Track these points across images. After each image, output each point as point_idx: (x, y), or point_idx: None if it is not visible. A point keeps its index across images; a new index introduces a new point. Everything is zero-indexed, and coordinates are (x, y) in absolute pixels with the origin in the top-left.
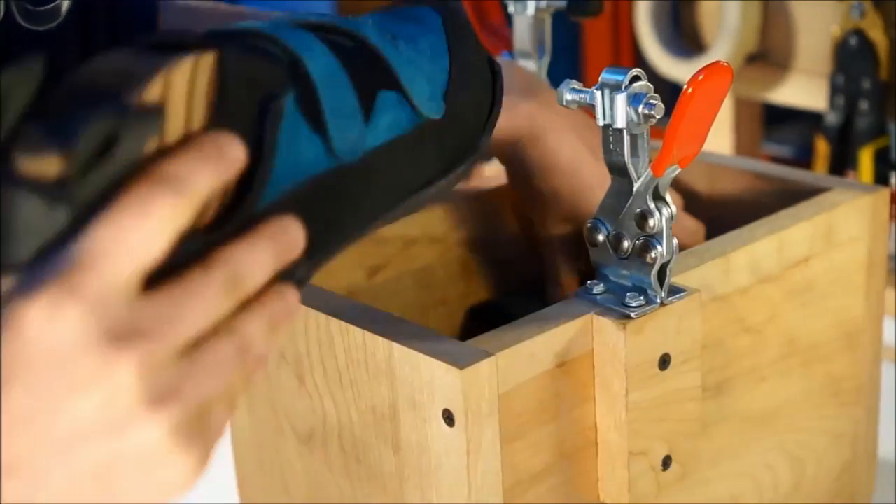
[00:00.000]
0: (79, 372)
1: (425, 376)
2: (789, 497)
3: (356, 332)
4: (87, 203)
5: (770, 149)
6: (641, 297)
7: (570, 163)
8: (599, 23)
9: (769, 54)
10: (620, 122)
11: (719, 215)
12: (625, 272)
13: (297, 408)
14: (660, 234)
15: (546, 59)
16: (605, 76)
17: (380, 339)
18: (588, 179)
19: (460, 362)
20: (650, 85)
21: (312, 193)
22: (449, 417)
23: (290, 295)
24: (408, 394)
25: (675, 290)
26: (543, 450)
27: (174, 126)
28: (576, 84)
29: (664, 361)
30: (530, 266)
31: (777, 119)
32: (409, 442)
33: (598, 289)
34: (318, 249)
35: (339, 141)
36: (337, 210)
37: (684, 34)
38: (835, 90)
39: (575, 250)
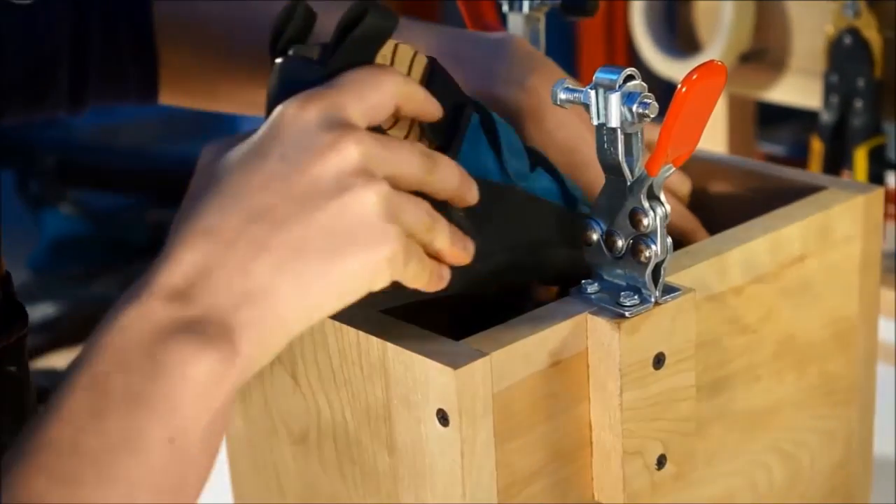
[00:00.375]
0: (317, 145)
1: (419, 376)
2: (784, 496)
3: (350, 332)
4: (336, 69)
5: (765, 148)
6: (636, 297)
7: (567, 139)
8: (594, 22)
9: (763, 53)
10: (614, 122)
11: (713, 214)
12: (619, 271)
13: (292, 408)
14: (654, 233)
15: None
16: (599, 75)
17: (374, 338)
18: (585, 157)
19: (454, 362)
20: (644, 84)
21: (486, 190)
22: (443, 417)
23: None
24: (402, 394)
25: (669, 290)
26: (538, 449)
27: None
28: (570, 83)
29: (658, 361)
30: None
31: (772, 118)
32: (403, 442)
33: (593, 288)
34: (484, 231)
35: (509, 165)
36: (500, 213)
37: (679, 33)
38: (829, 89)
39: None
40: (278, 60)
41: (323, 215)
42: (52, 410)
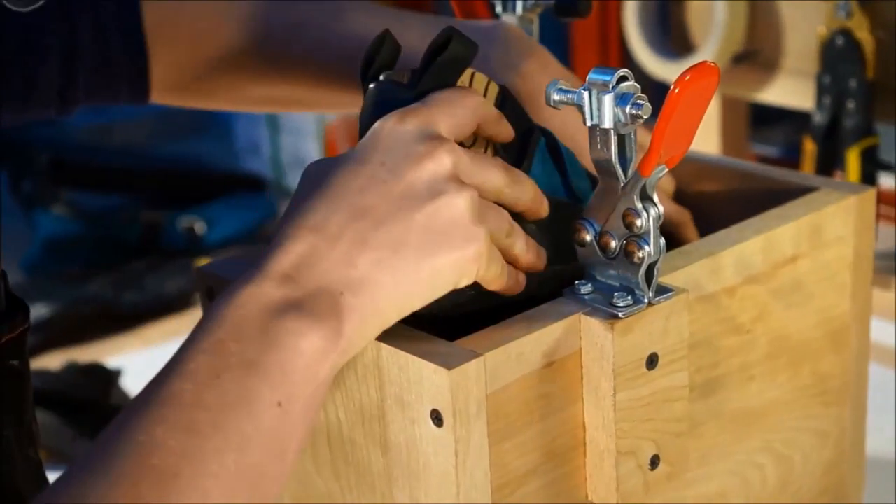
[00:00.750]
0: (414, 153)
1: (413, 377)
2: (776, 495)
3: None
4: (425, 90)
5: (757, 149)
6: (629, 297)
7: (563, 126)
8: (587, 23)
9: (756, 54)
10: (608, 123)
11: (706, 215)
12: (612, 272)
13: None
14: (647, 233)
15: None
16: (593, 76)
17: None
18: (580, 144)
19: (448, 363)
20: (637, 85)
21: (554, 206)
22: (437, 418)
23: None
24: (396, 394)
25: (662, 290)
26: (532, 450)
27: None
28: (563, 84)
29: (652, 361)
30: None
31: (764, 119)
32: (397, 442)
33: (586, 289)
34: (552, 242)
35: (574, 184)
36: (565, 227)
37: (672, 34)
38: (821, 90)
39: None
40: (372, 85)
41: (419, 216)
42: (174, 370)
